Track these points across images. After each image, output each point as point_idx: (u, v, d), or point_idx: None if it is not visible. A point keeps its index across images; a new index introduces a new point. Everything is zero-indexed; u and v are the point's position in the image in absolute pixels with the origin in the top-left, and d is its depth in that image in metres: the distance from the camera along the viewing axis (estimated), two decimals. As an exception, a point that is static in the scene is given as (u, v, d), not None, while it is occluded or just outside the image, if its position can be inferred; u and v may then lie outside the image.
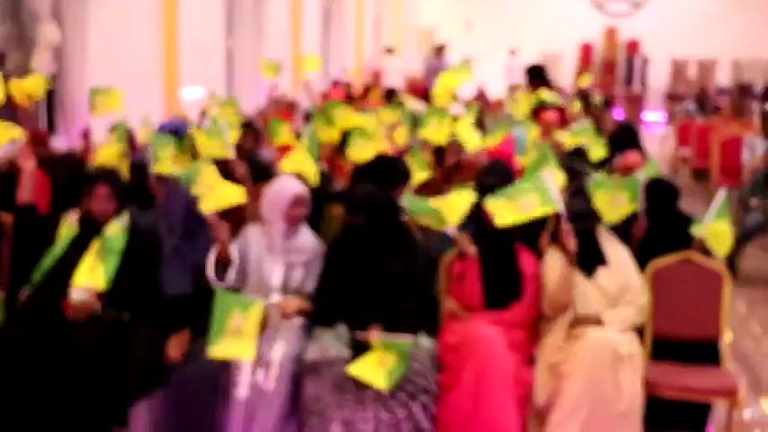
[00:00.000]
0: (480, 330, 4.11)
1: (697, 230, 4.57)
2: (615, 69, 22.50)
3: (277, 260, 4.25)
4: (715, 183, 10.01)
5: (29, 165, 4.30)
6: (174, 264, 4.13)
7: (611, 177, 5.80)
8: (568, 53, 22.53)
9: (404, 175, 4.97)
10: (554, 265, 4.24)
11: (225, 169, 4.75)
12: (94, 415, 3.91)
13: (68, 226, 4.22)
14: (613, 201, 4.60)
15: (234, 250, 4.10)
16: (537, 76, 9.48)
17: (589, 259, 4.28)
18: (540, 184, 4.19)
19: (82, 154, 5.76)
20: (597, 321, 4.15)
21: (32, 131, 5.90)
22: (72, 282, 4.06)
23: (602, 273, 4.28)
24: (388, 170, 4.92)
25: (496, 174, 4.94)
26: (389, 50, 17.72)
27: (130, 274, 4.15)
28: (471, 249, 4.23)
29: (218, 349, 3.68)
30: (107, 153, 5.21)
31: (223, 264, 4.08)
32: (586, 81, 13.16)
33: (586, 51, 23.00)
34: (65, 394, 3.86)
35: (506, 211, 4.15)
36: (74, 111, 7.05)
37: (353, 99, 12.44)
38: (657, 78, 21.77)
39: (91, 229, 4.19)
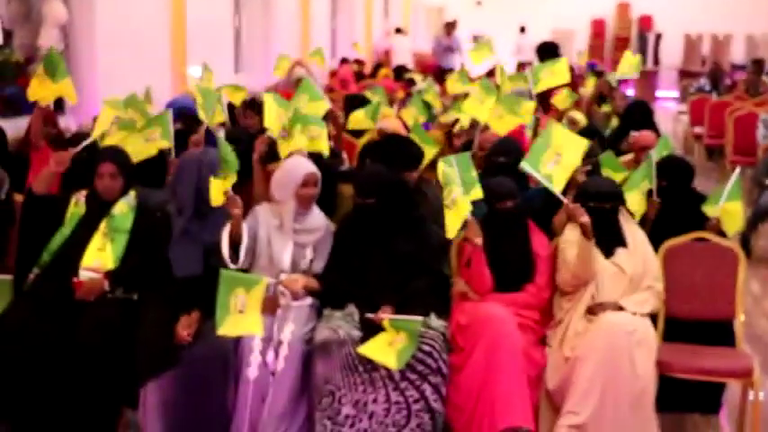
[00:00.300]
0: (491, 310, 4.11)
1: (709, 210, 4.55)
2: (628, 46, 22.34)
3: (287, 240, 4.25)
4: (729, 161, 9.96)
5: (59, 169, 4.25)
6: (184, 244, 4.11)
7: (623, 156, 5.80)
8: (580, 30, 22.39)
9: (416, 158, 4.94)
10: (572, 239, 4.22)
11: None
12: (105, 396, 3.92)
13: (76, 205, 4.22)
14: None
15: (244, 230, 4.10)
16: (549, 54, 9.40)
17: (609, 240, 4.25)
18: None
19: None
20: (617, 307, 4.13)
21: (42, 111, 5.91)
22: (80, 262, 4.08)
23: (621, 254, 4.25)
24: (401, 151, 4.89)
25: (506, 152, 4.93)
26: (399, 30, 17.65)
27: (139, 254, 4.16)
28: (478, 240, 4.17)
29: (226, 328, 3.69)
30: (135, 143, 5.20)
31: (235, 242, 4.07)
32: (583, 60, 13.02)
33: (598, 27, 22.86)
34: (74, 375, 3.87)
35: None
36: (81, 89, 7.02)
37: (363, 76, 12.44)
38: (670, 55, 21.62)
39: (98, 208, 4.19)
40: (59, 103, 6.96)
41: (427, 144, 5.50)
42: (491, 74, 12.27)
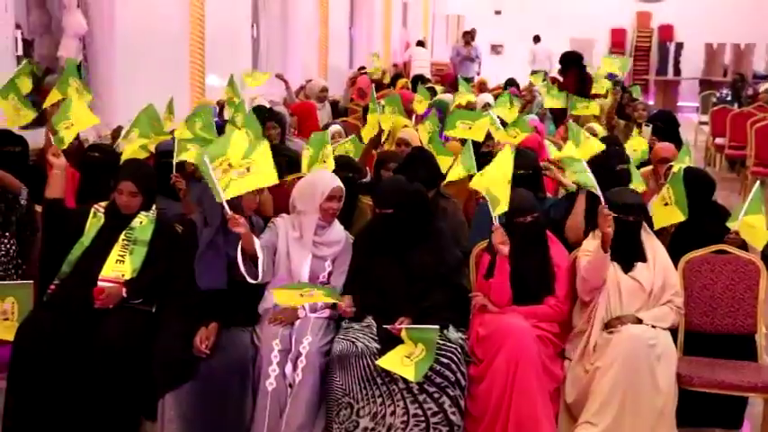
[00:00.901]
0: (511, 322, 4.11)
1: (732, 224, 4.54)
2: (648, 55, 22.29)
3: (306, 252, 4.27)
4: (750, 172, 9.91)
5: (60, 162, 4.30)
6: (210, 257, 4.14)
7: (643, 168, 5.80)
8: (600, 39, 22.34)
9: (436, 177, 4.99)
10: (589, 249, 4.23)
11: None
12: (124, 406, 3.94)
13: (95, 216, 4.25)
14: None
15: (258, 244, 4.11)
16: (572, 64, 9.39)
17: (629, 253, 4.25)
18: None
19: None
20: (636, 321, 4.12)
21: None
22: (99, 273, 4.11)
23: (640, 268, 4.25)
24: (422, 171, 4.92)
25: (524, 164, 4.93)
26: (421, 43, 17.78)
27: (158, 266, 4.18)
28: (505, 249, 4.16)
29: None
30: (133, 147, 5.26)
31: (251, 258, 4.10)
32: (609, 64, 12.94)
33: (618, 36, 22.81)
34: (94, 386, 3.89)
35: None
36: (101, 99, 7.09)
37: (382, 86, 12.46)
38: (691, 64, 21.54)
39: (118, 219, 4.23)
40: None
41: (443, 155, 5.54)
42: (510, 83, 12.31)
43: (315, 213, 4.30)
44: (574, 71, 9.20)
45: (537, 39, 19.19)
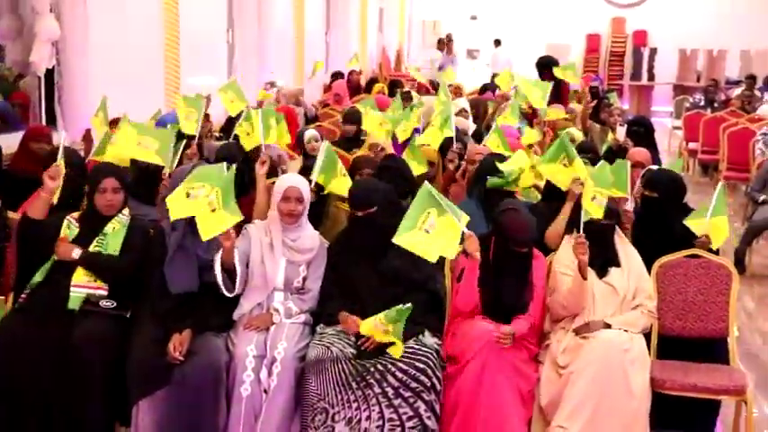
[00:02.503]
0: (483, 327, 4.13)
1: (696, 227, 4.56)
2: (622, 60, 22.44)
3: (279, 258, 4.26)
4: (723, 177, 10.01)
5: (54, 185, 4.23)
6: (179, 260, 4.13)
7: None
8: (575, 44, 22.48)
9: (412, 189, 5.00)
10: (566, 263, 4.23)
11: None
12: (98, 412, 3.92)
13: (69, 228, 4.21)
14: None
15: (236, 258, 4.10)
16: (546, 69, 9.44)
17: (603, 258, 4.28)
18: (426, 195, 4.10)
19: (85, 153, 5.80)
20: (604, 326, 4.15)
21: (35, 128, 5.94)
22: (71, 279, 4.09)
23: (614, 273, 4.28)
24: (398, 178, 4.94)
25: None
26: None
27: (132, 270, 4.17)
28: (476, 255, 4.14)
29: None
30: (115, 150, 5.24)
31: (228, 270, 4.10)
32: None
33: (593, 42, 22.95)
34: (68, 391, 3.88)
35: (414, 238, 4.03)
36: (73, 104, 7.06)
37: (359, 91, 12.49)
38: (665, 70, 21.69)
39: (92, 226, 4.21)
40: (52, 119, 7.00)
41: (418, 162, 5.58)
42: (485, 88, 12.35)
43: (278, 216, 4.30)
44: (549, 77, 9.24)
45: (498, 42, 19.61)
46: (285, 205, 4.27)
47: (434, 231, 4.01)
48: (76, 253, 4.10)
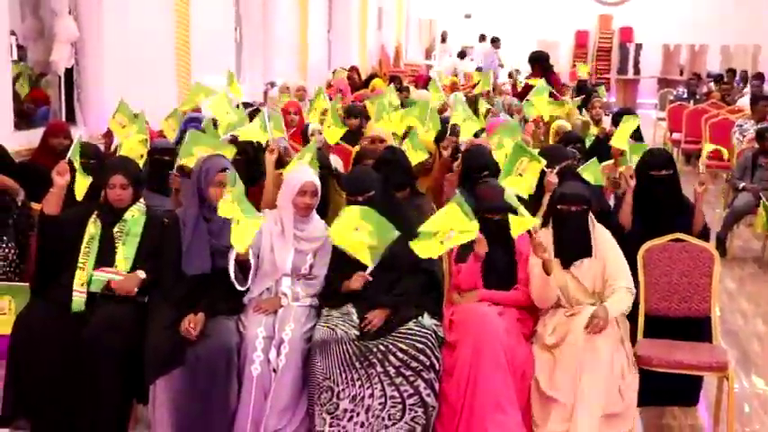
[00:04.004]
0: (478, 309, 4.14)
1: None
2: (609, 56, 22.42)
3: (288, 246, 4.26)
4: (705, 165, 10.01)
5: (63, 181, 4.16)
6: (193, 245, 4.13)
7: (604, 162, 5.83)
8: (564, 40, 22.46)
9: (410, 181, 5.01)
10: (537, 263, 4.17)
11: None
12: (115, 393, 3.94)
13: (95, 224, 4.20)
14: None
15: (251, 253, 4.09)
16: (537, 63, 9.43)
17: (574, 248, 4.23)
18: (456, 210, 4.01)
19: (106, 151, 5.81)
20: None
21: (54, 124, 5.94)
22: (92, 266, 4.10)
23: (585, 264, 4.22)
24: (395, 175, 4.92)
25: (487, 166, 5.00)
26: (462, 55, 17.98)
27: (150, 260, 4.17)
28: (482, 251, 4.13)
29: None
30: (131, 145, 5.25)
31: (241, 265, 4.09)
32: (584, 70, 13.05)
33: (582, 38, 22.92)
34: (88, 371, 3.89)
35: (430, 247, 4.00)
36: (91, 102, 7.07)
37: (359, 87, 12.46)
38: (650, 64, 21.68)
39: (111, 215, 4.21)
40: (71, 115, 7.00)
41: (418, 150, 5.55)
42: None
43: (291, 208, 4.29)
44: (540, 71, 9.23)
45: (483, 38, 19.85)
46: (301, 199, 4.26)
47: (447, 244, 4.01)
48: (141, 276, 4.11)
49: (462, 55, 19.11)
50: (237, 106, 5.95)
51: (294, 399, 4.00)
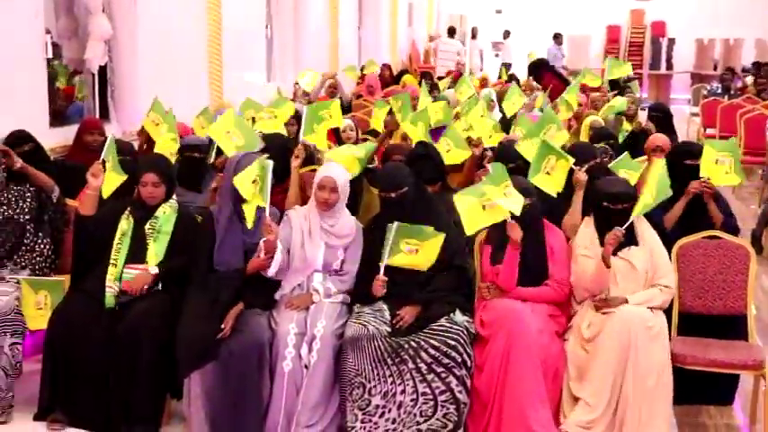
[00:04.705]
0: (509, 306, 4.12)
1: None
2: (641, 51, 22.21)
3: (318, 242, 4.26)
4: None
5: (98, 182, 4.21)
6: (226, 243, 4.16)
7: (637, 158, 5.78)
8: (596, 35, 22.30)
9: (440, 175, 5.00)
10: (586, 245, 4.19)
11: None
12: (148, 386, 3.98)
13: (128, 220, 4.23)
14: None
15: (280, 247, 4.11)
16: (542, 68, 9.37)
17: (624, 239, 4.21)
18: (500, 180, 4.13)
19: (140, 149, 5.86)
20: (623, 302, 4.10)
21: (88, 121, 6.00)
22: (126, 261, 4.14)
23: (633, 251, 4.22)
24: (430, 164, 4.93)
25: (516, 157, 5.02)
26: (452, 31, 17.90)
27: (181, 255, 4.20)
28: (517, 236, 4.15)
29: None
30: (164, 143, 5.29)
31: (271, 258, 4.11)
32: (626, 71, 12.56)
33: (613, 33, 22.73)
34: (121, 366, 3.94)
35: (471, 209, 4.10)
36: (124, 99, 7.13)
37: (390, 83, 12.46)
38: (683, 59, 21.45)
39: (143, 212, 4.24)
40: (105, 112, 7.07)
41: (461, 148, 5.56)
42: (511, 78, 12.29)
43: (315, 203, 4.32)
44: (548, 73, 9.18)
45: (507, 34, 20.11)
46: (320, 194, 4.27)
47: (487, 211, 4.08)
48: (152, 269, 4.17)
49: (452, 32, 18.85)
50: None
51: (326, 395, 4.00)
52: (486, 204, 4.10)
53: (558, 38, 19.05)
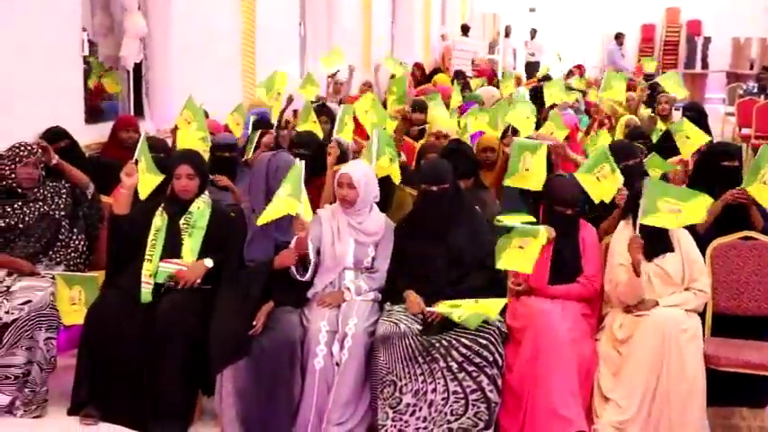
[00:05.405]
0: (539, 305, 4.12)
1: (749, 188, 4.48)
2: (677, 50, 21.99)
3: (349, 239, 4.27)
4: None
5: (131, 181, 4.22)
6: (257, 241, 4.18)
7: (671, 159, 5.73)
8: (630, 34, 22.10)
9: (474, 170, 4.99)
10: (621, 253, 4.14)
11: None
12: (180, 382, 4.00)
13: (161, 217, 4.26)
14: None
15: (311, 248, 4.13)
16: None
17: (655, 245, 4.18)
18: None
19: (173, 146, 5.91)
20: (655, 304, 4.07)
21: (123, 117, 6.06)
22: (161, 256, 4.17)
23: (668, 258, 4.18)
24: (463, 160, 4.94)
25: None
26: (465, 29, 17.79)
27: (214, 251, 4.22)
28: (551, 235, 4.19)
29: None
30: (190, 141, 5.33)
31: (302, 260, 4.13)
32: (651, 66, 12.78)
33: (648, 32, 22.53)
34: (154, 362, 3.97)
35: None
36: (159, 96, 7.19)
37: (421, 81, 12.45)
38: (718, 58, 21.22)
39: (177, 207, 4.27)
40: (139, 109, 7.13)
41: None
42: (546, 78, 12.21)
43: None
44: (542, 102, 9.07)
45: (534, 33, 19.95)
46: (339, 191, 4.30)
47: (524, 250, 4.08)
48: (207, 262, 4.20)
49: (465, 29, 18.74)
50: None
51: (357, 393, 4.01)
52: (522, 245, 4.08)
53: (619, 38, 18.87)
